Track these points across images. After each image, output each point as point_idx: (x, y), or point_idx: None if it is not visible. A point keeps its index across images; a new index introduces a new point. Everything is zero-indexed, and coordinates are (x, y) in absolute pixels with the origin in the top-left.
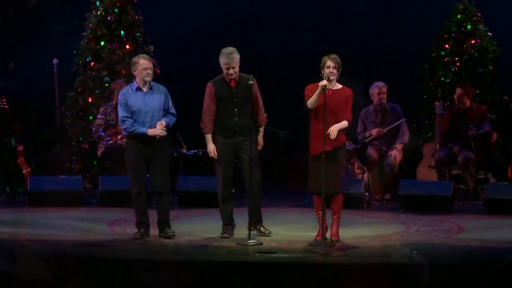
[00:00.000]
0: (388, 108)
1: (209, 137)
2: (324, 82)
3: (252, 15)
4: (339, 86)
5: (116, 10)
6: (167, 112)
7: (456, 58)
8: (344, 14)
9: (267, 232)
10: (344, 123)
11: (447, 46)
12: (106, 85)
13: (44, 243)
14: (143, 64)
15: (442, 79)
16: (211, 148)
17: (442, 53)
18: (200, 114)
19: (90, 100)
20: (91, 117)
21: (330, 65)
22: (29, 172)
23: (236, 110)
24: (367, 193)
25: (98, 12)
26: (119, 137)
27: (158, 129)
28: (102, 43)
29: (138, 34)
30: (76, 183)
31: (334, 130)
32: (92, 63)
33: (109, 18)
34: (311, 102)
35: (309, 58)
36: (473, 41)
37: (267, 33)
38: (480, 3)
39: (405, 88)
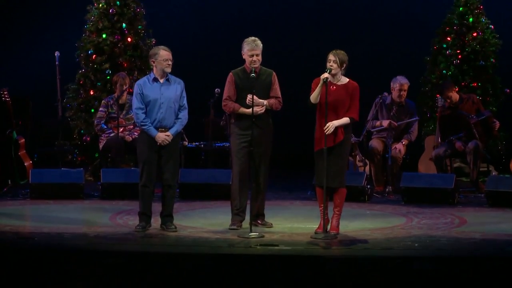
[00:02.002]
0: (404, 104)
1: (236, 106)
2: (325, 74)
3: (256, 9)
4: (345, 80)
5: (118, 2)
6: (181, 107)
7: (458, 51)
8: (345, 8)
9: (269, 224)
10: (344, 120)
11: (449, 39)
12: (108, 78)
13: (45, 235)
14: (164, 55)
15: (444, 72)
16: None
17: (444, 45)
18: (203, 107)
19: (91, 93)
20: (92, 110)
21: (330, 58)
22: (30, 165)
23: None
24: (368, 186)
25: (100, 5)
26: (121, 129)
27: (165, 138)
28: (104, 35)
29: (140, 27)
30: (77, 176)
31: (330, 126)
32: (94, 56)
33: (111, 10)
34: (313, 96)
35: (308, 54)
36: (475, 34)
37: (271, 27)
38: None
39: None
